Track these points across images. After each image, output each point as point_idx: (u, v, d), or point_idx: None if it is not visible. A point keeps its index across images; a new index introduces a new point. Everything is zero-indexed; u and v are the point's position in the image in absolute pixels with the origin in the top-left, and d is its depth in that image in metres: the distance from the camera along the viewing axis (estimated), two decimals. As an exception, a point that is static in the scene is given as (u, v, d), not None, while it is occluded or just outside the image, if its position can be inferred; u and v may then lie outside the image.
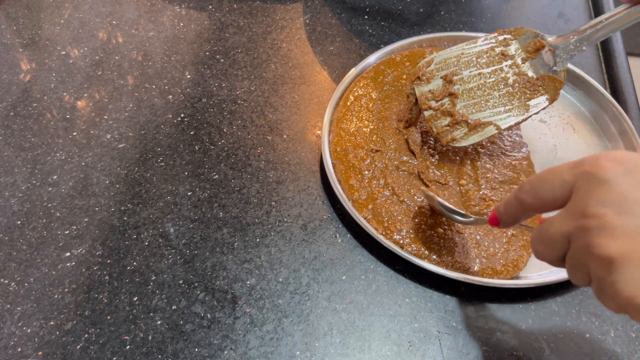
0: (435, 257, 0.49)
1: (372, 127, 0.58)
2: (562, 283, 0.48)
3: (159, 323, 0.46)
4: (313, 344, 0.45)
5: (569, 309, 0.47)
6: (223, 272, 0.49)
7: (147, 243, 0.51)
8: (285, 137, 0.60)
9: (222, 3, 0.74)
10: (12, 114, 0.61)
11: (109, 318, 0.46)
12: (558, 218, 0.33)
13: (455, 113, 0.52)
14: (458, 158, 0.56)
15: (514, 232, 0.51)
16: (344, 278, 0.49)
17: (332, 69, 0.67)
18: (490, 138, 0.58)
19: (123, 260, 0.50)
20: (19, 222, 0.52)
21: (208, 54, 0.68)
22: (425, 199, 0.51)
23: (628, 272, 0.28)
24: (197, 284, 0.48)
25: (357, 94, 0.61)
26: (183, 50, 0.68)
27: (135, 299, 0.47)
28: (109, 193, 0.55)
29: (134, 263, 0.50)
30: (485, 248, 0.50)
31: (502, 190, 0.54)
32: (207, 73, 0.66)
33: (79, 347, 0.45)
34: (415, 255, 0.48)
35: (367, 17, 0.73)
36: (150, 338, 0.45)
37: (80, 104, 0.63)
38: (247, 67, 0.67)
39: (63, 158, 0.57)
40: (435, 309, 0.47)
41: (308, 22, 0.72)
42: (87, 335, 0.45)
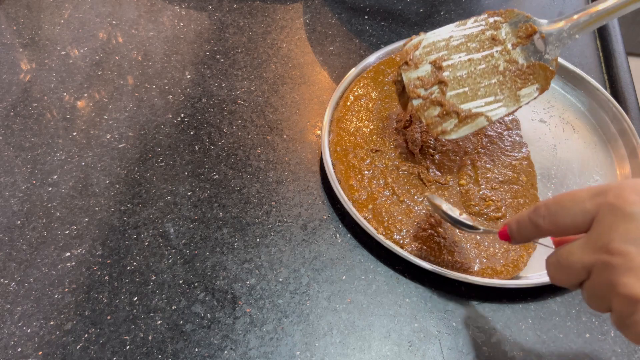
0: (436, 257, 0.49)
1: (372, 127, 0.58)
2: (562, 283, 0.48)
3: (159, 323, 0.46)
4: (313, 344, 0.45)
5: (569, 309, 0.47)
6: (223, 272, 0.49)
7: (147, 243, 0.51)
8: (285, 137, 0.60)
9: (222, 3, 0.74)
10: (12, 114, 0.61)
11: (109, 318, 0.46)
12: (578, 248, 0.32)
13: (446, 103, 0.50)
14: (458, 158, 0.56)
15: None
16: (344, 278, 0.49)
17: (332, 69, 0.67)
18: (491, 139, 0.58)
19: (123, 260, 0.50)
20: (19, 222, 0.52)
21: (208, 54, 0.68)
22: (430, 207, 0.50)
23: None
24: (197, 284, 0.48)
25: (357, 94, 0.61)
26: (183, 50, 0.68)
27: (135, 299, 0.47)
28: (109, 193, 0.55)
29: (134, 263, 0.50)
30: (485, 248, 0.50)
31: (502, 191, 0.54)
32: (207, 73, 0.66)
33: (79, 347, 0.45)
34: (415, 255, 0.48)
35: (367, 17, 0.73)
36: (150, 338, 0.45)
37: (80, 104, 0.63)
38: (247, 67, 0.67)
39: (63, 158, 0.57)
40: (435, 309, 0.47)
41: (308, 22, 0.72)
42: (87, 335, 0.45)
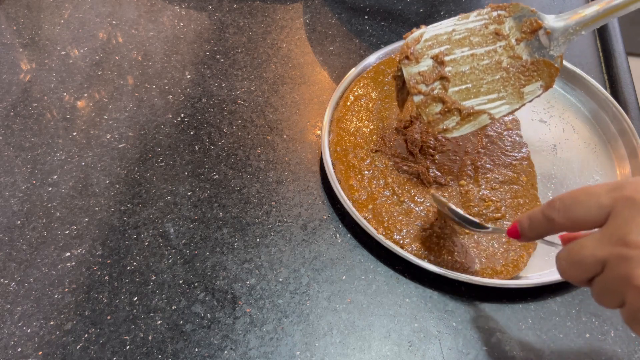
0: (436, 257, 0.49)
1: (372, 127, 0.58)
2: (562, 283, 0.48)
3: (159, 323, 0.46)
4: (313, 344, 0.45)
5: (569, 309, 0.47)
6: (223, 272, 0.49)
7: (147, 243, 0.51)
8: (285, 137, 0.60)
9: (222, 3, 0.74)
10: (12, 114, 0.61)
11: (109, 318, 0.46)
12: (592, 241, 0.32)
13: (448, 99, 0.49)
14: (458, 158, 0.56)
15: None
16: (344, 278, 0.49)
17: (332, 69, 0.67)
18: (491, 139, 0.58)
19: (123, 260, 0.50)
20: (19, 222, 0.52)
21: (208, 54, 0.68)
22: (435, 205, 0.49)
23: None
24: (197, 284, 0.48)
25: (357, 94, 0.61)
26: (183, 50, 0.68)
27: (135, 299, 0.47)
28: (109, 193, 0.55)
29: (134, 263, 0.50)
30: (485, 248, 0.50)
31: (502, 191, 0.54)
32: (207, 73, 0.66)
33: (79, 347, 0.45)
34: (415, 255, 0.48)
35: (367, 17, 0.73)
36: (150, 338, 0.45)
37: (80, 104, 0.63)
38: (247, 67, 0.67)
39: (63, 158, 0.57)
40: (435, 309, 0.47)
41: (308, 22, 0.72)
42: (87, 335, 0.45)
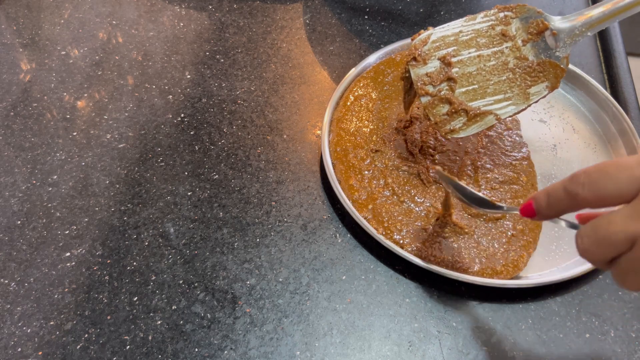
0: (436, 257, 0.49)
1: (372, 127, 0.58)
2: (562, 283, 0.48)
3: (159, 323, 0.46)
4: (313, 344, 0.45)
5: (569, 309, 0.47)
6: (223, 272, 0.49)
7: (147, 243, 0.51)
8: (285, 137, 0.60)
9: (222, 3, 0.74)
10: (12, 114, 0.61)
11: (109, 318, 0.46)
12: (621, 217, 0.30)
13: (455, 100, 0.49)
14: (458, 158, 0.56)
15: (514, 232, 0.51)
16: (344, 278, 0.49)
17: (332, 69, 0.67)
18: (491, 139, 0.58)
19: (123, 260, 0.50)
20: (19, 222, 0.52)
21: (208, 54, 0.68)
22: (440, 180, 0.46)
23: None
24: (197, 284, 0.48)
25: (357, 94, 0.61)
26: (183, 50, 0.68)
27: (135, 299, 0.47)
28: (109, 193, 0.55)
29: (134, 263, 0.50)
30: (485, 248, 0.50)
31: (502, 191, 0.54)
32: (207, 73, 0.66)
33: (79, 347, 0.45)
34: (415, 255, 0.48)
35: (367, 17, 0.73)
36: (150, 338, 0.45)
37: (80, 104, 0.63)
38: (247, 67, 0.67)
39: (63, 158, 0.57)
40: (435, 309, 0.47)
41: (308, 22, 0.72)
42: (87, 335, 0.45)
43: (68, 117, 0.61)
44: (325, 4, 0.75)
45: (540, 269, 0.49)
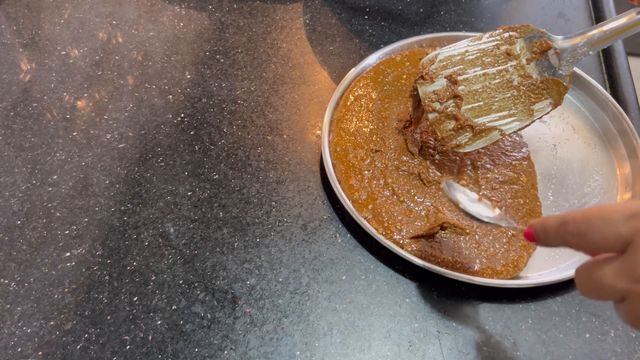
0: (436, 257, 0.49)
1: (372, 127, 0.58)
2: (562, 283, 0.48)
3: (159, 323, 0.46)
4: (313, 344, 0.45)
5: (569, 309, 0.47)
6: (223, 272, 0.49)
7: (147, 243, 0.51)
8: (285, 137, 0.60)
9: (222, 3, 0.74)
10: (12, 114, 0.61)
11: (109, 318, 0.46)
12: (611, 273, 0.30)
13: (460, 117, 0.51)
14: (458, 158, 0.56)
15: (514, 232, 0.51)
16: (344, 278, 0.49)
17: (332, 69, 0.67)
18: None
19: (123, 260, 0.50)
20: (19, 222, 0.52)
21: (208, 54, 0.68)
22: (446, 192, 0.44)
23: None
24: (197, 284, 0.48)
25: (357, 94, 0.61)
26: (183, 50, 0.68)
27: (135, 299, 0.47)
28: (109, 193, 0.55)
29: (134, 263, 0.50)
30: (486, 248, 0.50)
31: (502, 191, 0.54)
32: (207, 73, 0.66)
33: (79, 347, 0.45)
34: (415, 255, 0.48)
35: (367, 17, 0.73)
36: (150, 338, 0.45)
37: (80, 104, 0.63)
38: (247, 67, 0.67)
39: (63, 158, 0.57)
40: (435, 309, 0.47)
41: (308, 22, 0.72)
42: (87, 335, 0.45)
43: (68, 117, 0.61)
44: (325, 4, 0.75)
45: (540, 269, 0.49)
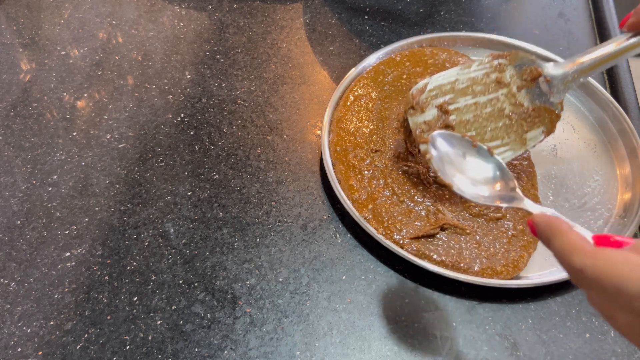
0: (435, 257, 0.49)
1: (372, 127, 0.58)
2: (562, 283, 0.48)
3: (159, 323, 0.46)
4: (313, 344, 0.45)
5: (569, 309, 0.47)
6: (223, 272, 0.49)
7: (147, 243, 0.51)
8: (285, 137, 0.60)
9: (222, 3, 0.74)
10: (12, 114, 0.61)
11: (109, 318, 0.46)
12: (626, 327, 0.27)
13: None
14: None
15: (515, 232, 0.51)
16: (344, 278, 0.49)
17: (332, 69, 0.67)
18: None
19: (123, 260, 0.50)
20: (19, 222, 0.52)
21: (208, 54, 0.68)
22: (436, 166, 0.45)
23: None
24: (197, 284, 0.48)
25: (357, 94, 0.61)
26: (183, 50, 0.68)
27: (135, 299, 0.47)
28: (109, 193, 0.55)
29: (134, 263, 0.50)
30: (486, 248, 0.50)
31: (502, 191, 0.54)
32: (207, 73, 0.66)
33: (79, 347, 0.45)
34: (415, 255, 0.48)
35: (367, 17, 0.73)
36: (150, 338, 0.45)
37: (80, 104, 0.63)
38: (247, 67, 0.67)
39: (63, 158, 0.57)
40: (435, 309, 0.47)
41: (308, 22, 0.72)
42: (87, 335, 0.45)
43: (68, 117, 0.61)
44: (325, 4, 0.75)
45: (540, 269, 0.49)
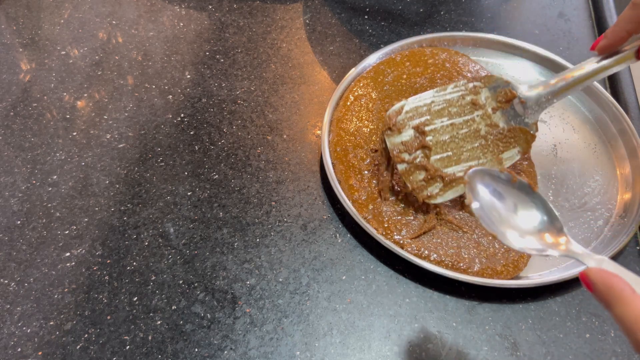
0: (435, 257, 0.49)
1: (372, 127, 0.58)
2: (562, 283, 0.48)
3: (159, 323, 0.46)
4: (313, 344, 0.45)
5: (569, 309, 0.47)
6: (223, 272, 0.49)
7: (147, 243, 0.51)
8: (285, 137, 0.60)
9: (222, 3, 0.74)
10: (12, 114, 0.61)
11: (109, 318, 0.46)
12: None
13: (430, 167, 0.50)
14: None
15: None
16: (344, 278, 0.49)
17: (332, 69, 0.67)
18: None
19: (123, 260, 0.50)
20: (19, 222, 0.52)
21: (208, 54, 0.68)
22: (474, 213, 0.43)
23: None
24: (197, 284, 0.48)
25: (357, 94, 0.61)
26: (183, 50, 0.68)
27: (135, 299, 0.47)
28: (109, 193, 0.55)
29: (134, 263, 0.50)
30: (486, 248, 0.50)
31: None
32: (207, 73, 0.66)
33: (79, 347, 0.45)
34: (415, 255, 0.48)
35: (367, 17, 0.73)
36: (150, 338, 0.45)
37: (80, 104, 0.63)
38: (247, 67, 0.67)
39: (63, 158, 0.57)
40: (435, 309, 0.47)
41: (308, 22, 0.72)
42: (87, 335, 0.45)
43: (68, 117, 0.61)
44: (325, 4, 0.75)
45: (540, 269, 0.49)
